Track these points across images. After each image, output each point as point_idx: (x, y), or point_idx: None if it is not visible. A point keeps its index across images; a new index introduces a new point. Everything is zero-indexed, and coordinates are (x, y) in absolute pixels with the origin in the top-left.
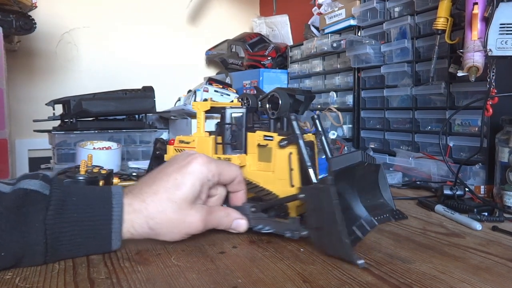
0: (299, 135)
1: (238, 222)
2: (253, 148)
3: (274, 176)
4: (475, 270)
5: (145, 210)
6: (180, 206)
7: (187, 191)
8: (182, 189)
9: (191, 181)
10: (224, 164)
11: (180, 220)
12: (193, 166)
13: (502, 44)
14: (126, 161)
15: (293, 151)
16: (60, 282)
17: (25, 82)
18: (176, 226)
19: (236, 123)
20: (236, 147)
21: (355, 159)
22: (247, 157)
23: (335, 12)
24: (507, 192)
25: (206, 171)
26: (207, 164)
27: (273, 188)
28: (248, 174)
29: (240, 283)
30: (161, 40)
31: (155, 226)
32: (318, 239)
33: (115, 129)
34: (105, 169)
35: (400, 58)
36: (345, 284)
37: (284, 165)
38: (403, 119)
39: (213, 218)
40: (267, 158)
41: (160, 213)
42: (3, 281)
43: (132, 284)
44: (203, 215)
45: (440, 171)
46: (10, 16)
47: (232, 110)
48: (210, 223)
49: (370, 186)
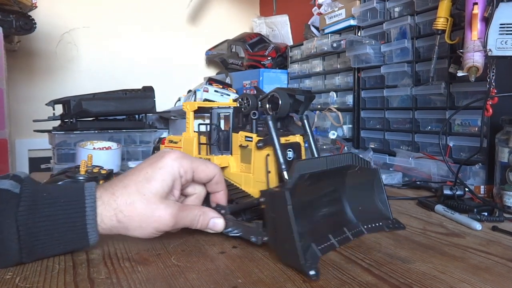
0: (275, 136)
1: (215, 221)
2: (237, 149)
3: (253, 178)
4: (475, 270)
5: (114, 203)
6: (149, 199)
7: (157, 185)
8: (151, 182)
9: (162, 176)
10: (200, 162)
11: (149, 214)
12: (165, 161)
13: (502, 44)
14: (126, 161)
15: (270, 153)
16: (60, 282)
17: (25, 82)
18: (144, 220)
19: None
20: (220, 147)
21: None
22: (231, 158)
23: (335, 12)
24: (507, 192)
25: (177, 166)
26: (180, 160)
27: (252, 190)
28: (230, 176)
29: (240, 283)
30: (161, 40)
31: (123, 219)
32: (275, 246)
33: (115, 129)
34: (105, 169)
35: (400, 58)
36: (345, 284)
37: (262, 167)
38: (403, 119)
39: (186, 215)
40: (247, 160)
41: (128, 206)
42: (3, 281)
43: (132, 284)
44: (174, 210)
45: (440, 171)
46: (10, 16)
47: (219, 110)
48: (182, 221)
49: (364, 192)
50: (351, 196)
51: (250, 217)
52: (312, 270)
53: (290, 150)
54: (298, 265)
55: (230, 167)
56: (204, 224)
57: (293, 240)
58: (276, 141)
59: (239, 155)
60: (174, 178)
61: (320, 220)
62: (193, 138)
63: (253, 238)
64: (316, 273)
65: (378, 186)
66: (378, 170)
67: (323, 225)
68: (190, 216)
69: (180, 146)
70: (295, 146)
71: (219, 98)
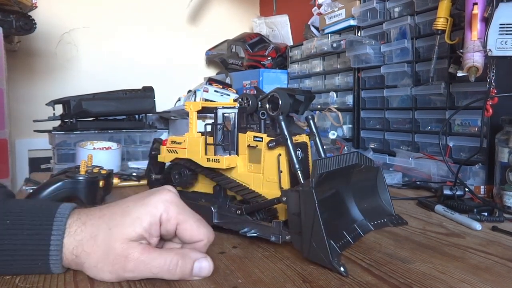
0: (288, 136)
1: (201, 264)
2: (244, 149)
3: (263, 178)
4: (475, 270)
5: (80, 234)
6: (114, 235)
7: (129, 222)
8: (125, 217)
9: (139, 213)
10: (191, 218)
11: (106, 251)
12: (152, 199)
13: (501, 44)
14: (126, 161)
15: (282, 152)
16: (60, 282)
17: (25, 82)
18: (102, 259)
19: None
20: (226, 148)
21: (346, 162)
22: (238, 158)
23: (335, 12)
24: (507, 192)
25: (162, 210)
26: (168, 204)
27: (262, 190)
28: (238, 176)
29: (240, 283)
30: (161, 40)
31: (81, 254)
32: (299, 243)
33: (115, 129)
34: (105, 169)
35: (400, 58)
36: (345, 284)
37: (273, 167)
38: (403, 119)
39: (154, 258)
40: (257, 160)
41: (90, 240)
42: (3, 281)
43: (132, 284)
44: (137, 252)
45: (440, 171)
46: (10, 16)
47: (224, 110)
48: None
49: (368, 189)
50: (357, 194)
51: (264, 217)
52: (342, 267)
53: (298, 150)
54: (327, 262)
55: (238, 167)
56: (186, 271)
57: (323, 238)
58: (289, 141)
59: (246, 155)
60: (152, 221)
61: (335, 218)
62: (199, 139)
63: (272, 238)
64: (345, 269)
65: (381, 183)
66: (381, 168)
67: (337, 223)
68: (161, 260)
69: (184, 147)
70: (302, 145)
71: (219, 98)
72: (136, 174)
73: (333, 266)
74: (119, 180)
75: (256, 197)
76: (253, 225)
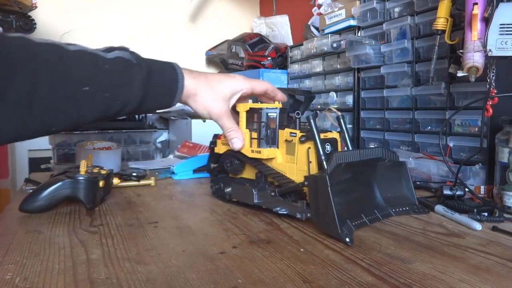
0: (316, 132)
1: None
2: (282, 143)
3: (296, 168)
4: (474, 270)
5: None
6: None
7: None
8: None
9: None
10: (255, 82)
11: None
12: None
13: (502, 45)
14: (126, 161)
15: (311, 146)
16: (60, 282)
17: None
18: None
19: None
20: (268, 142)
21: (368, 155)
22: (278, 151)
23: (335, 13)
24: (507, 192)
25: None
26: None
27: (296, 178)
28: (277, 165)
29: (240, 283)
30: (161, 40)
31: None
32: (317, 220)
33: (115, 129)
34: (105, 169)
35: (400, 58)
36: (345, 284)
37: (304, 158)
38: (403, 119)
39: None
40: (292, 152)
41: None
42: (3, 281)
43: (132, 284)
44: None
45: (440, 171)
46: (10, 16)
47: (267, 110)
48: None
49: (393, 181)
50: (381, 184)
51: (294, 199)
52: (347, 238)
53: (328, 144)
54: (336, 234)
55: (277, 158)
56: (229, 137)
57: (333, 214)
58: (317, 136)
59: (284, 148)
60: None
61: (355, 202)
62: (246, 134)
63: (298, 215)
64: (350, 240)
65: (406, 176)
66: (406, 164)
67: (357, 206)
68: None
69: None
70: (332, 141)
71: None
72: (136, 174)
73: (340, 236)
74: (119, 180)
75: (288, 182)
76: (284, 205)
